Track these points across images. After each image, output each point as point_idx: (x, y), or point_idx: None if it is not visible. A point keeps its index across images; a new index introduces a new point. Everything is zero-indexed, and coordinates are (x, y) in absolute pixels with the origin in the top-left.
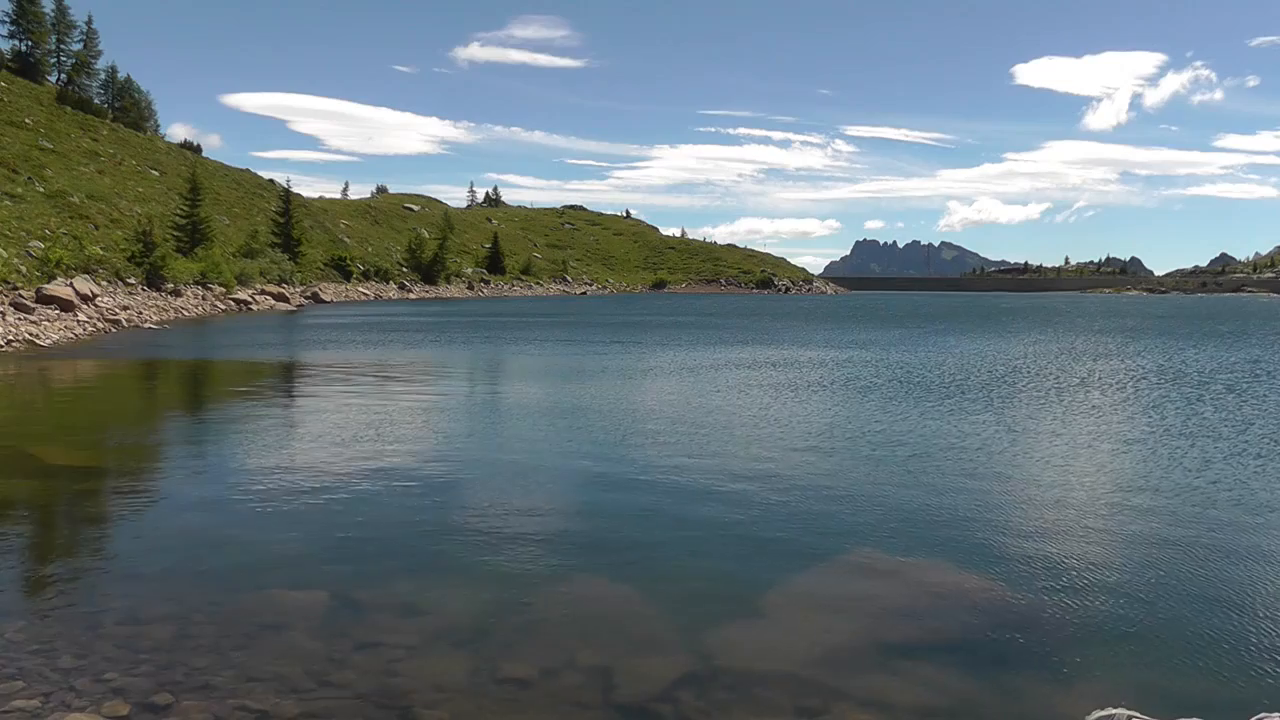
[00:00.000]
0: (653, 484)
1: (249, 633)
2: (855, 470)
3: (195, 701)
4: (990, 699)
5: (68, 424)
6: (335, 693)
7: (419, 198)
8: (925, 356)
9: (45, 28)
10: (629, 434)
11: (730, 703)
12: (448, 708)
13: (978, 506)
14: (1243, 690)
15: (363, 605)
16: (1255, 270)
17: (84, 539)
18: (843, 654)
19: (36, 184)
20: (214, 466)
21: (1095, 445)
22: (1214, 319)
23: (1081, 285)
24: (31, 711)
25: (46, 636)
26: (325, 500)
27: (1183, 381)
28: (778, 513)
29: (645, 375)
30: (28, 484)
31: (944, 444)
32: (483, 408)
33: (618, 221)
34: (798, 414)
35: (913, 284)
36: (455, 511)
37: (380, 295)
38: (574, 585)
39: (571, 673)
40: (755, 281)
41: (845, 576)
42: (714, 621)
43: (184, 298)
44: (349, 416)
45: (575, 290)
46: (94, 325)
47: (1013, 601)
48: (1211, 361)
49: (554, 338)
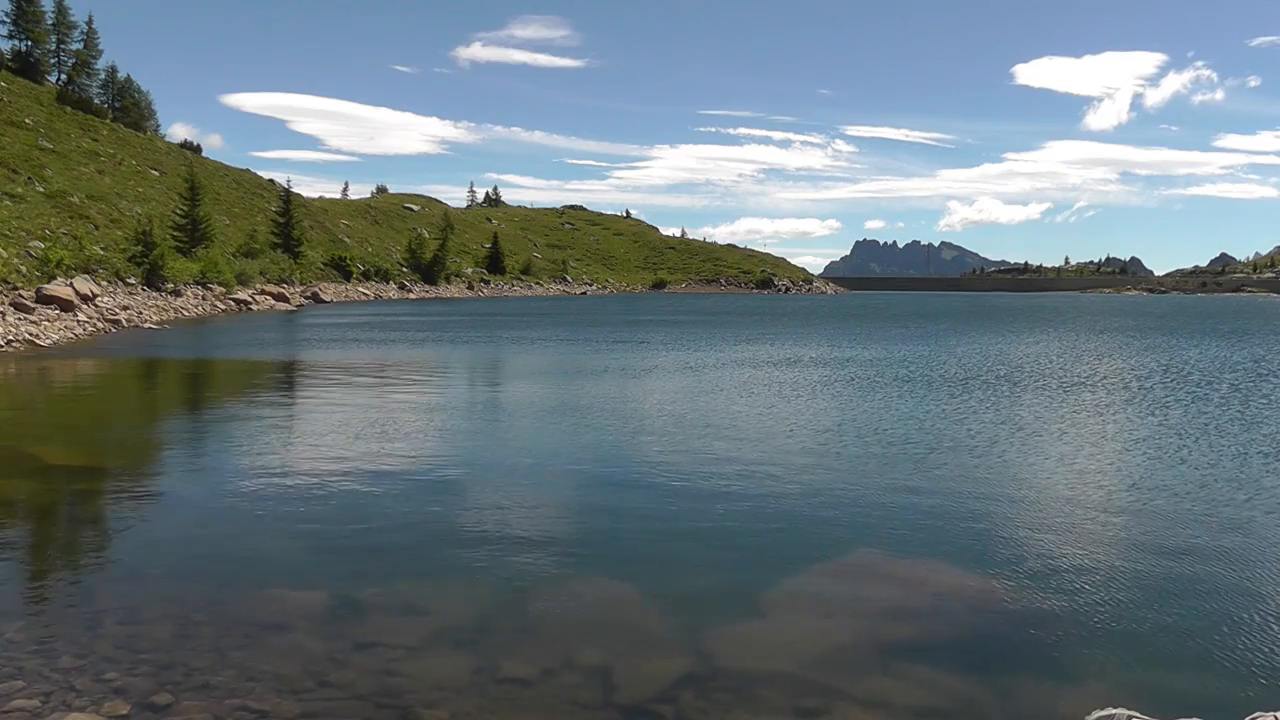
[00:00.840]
0: (653, 484)
1: (249, 632)
2: (855, 470)
3: (195, 701)
4: (990, 699)
5: (68, 423)
6: (335, 693)
7: (419, 198)
8: (924, 356)
9: (45, 27)
10: (629, 433)
11: (730, 703)
12: (448, 708)
13: (978, 506)
14: (1242, 690)
15: (363, 605)
16: (1255, 270)
17: (84, 539)
18: (843, 654)
19: (36, 184)
20: (214, 466)
21: (1096, 445)
22: (1214, 318)
23: (1081, 285)
24: (32, 711)
25: (46, 636)
26: (325, 500)
27: (1184, 380)
28: (778, 512)
29: (645, 375)
30: (28, 484)
31: (944, 444)
32: (483, 407)
33: (618, 221)
34: (797, 413)
35: (913, 284)
36: (455, 511)
37: (380, 295)
38: (574, 585)
39: (571, 673)
40: (755, 282)
41: (845, 576)
42: (714, 621)
43: (184, 298)
44: (349, 416)
45: (575, 290)
46: (94, 325)
47: (1013, 601)
48: (1212, 360)
49: (554, 337)
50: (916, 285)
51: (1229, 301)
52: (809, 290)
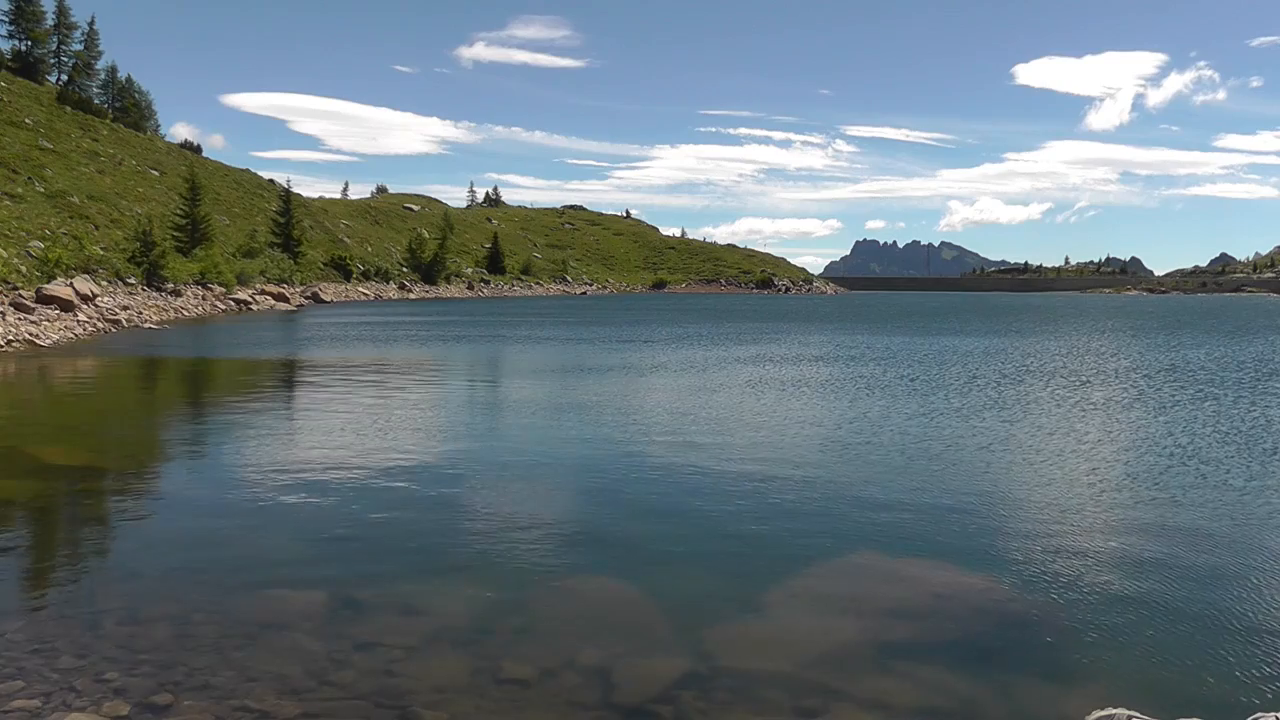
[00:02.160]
0: (653, 483)
1: (249, 632)
2: (855, 470)
3: (195, 701)
4: (990, 699)
5: (68, 423)
6: (335, 692)
7: (419, 198)
8: (924, 354)
9: (46, 28)
10: (629, 433)
11: (730, 703)
12: (448, 708)
13: (978, 506)
14: (1242, 690)
15: (363, 605)
16: (1255, 270)
17: (84, 539)
18: (843, 654)
19: (36, 184)
20: (214, 466)
21: (1098, 444)
22: (1214, 317)
23: (1081, 285)
24: (32, 711)
25: (47, 636)
26: (326, 500)
27: (1186, 379)
28: (778, 512)
29: (645, 374)
30: (28, 484)
31: (944, 443)
32: (483, 407)
33: (618, 221)
34: (796, 413)
35: (912, 284)
36: (455, 511)
37: (380, 295)
38: (574, 585)
39: (571, 673)
40: (755, 281)
41: (845, 576)
42: (714, 621)
43: (184, 298)
44: (349, 416)
45: (575, 290)
46: (94, 325)
47: (1013, 601)
48: (1213, 359)
49: (554, 336)
50: (916, 285)
51: (1229, 301)
52: (809, 290)
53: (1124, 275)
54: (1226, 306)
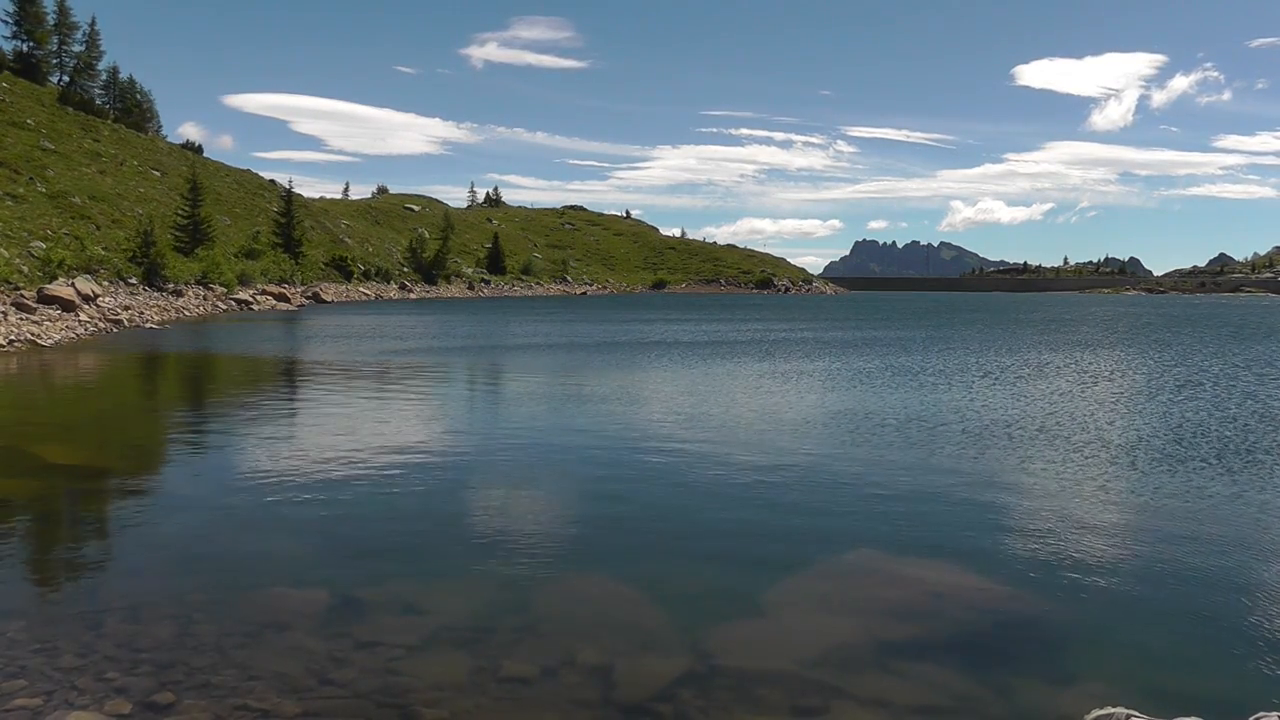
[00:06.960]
0: (653, 483)
1: (250, 631)
2: (856, 470)
3: (196, 700)
4: (990, 699)
5: (69, 423)
6: (336, 692)
7: (420, 198)
8: (923, 354)
9: (47, 29)
10: (629, 433)
11: (730, 703)
12: (448, 707)
13: (978, 506)
14: (1243, 690)
15: (363, 605)
16: (1254, 270)
17: (85, 538)
18: (843, 654)
19: (38, 184)
20: (215, 465)
21: (1098, 444)
22: (1214, 317)
23: (1080, 285)
24: (34, 710)
25: (48, 635)
26: (326, 500)
27: (1186, 379)
28: (778, 512)
29: (645, 373)
30: (29, 483)
31: (945, 443)
32: (483, 407)
33: (618, 222)
34: (797, 412)
35: (912, 284)
36: (456, 511)
37: (381, 295)
38: (574, 585)
39: (571, 672)
40: (755, 282)
41: (845, 576)
42: (714, 621)
43: (185, 298)
44: (350, 416)
45: (575, 290)
46: (95, 325)
47: (1013, 601)
48: (1213, 359)
49: (553, 337)
50: (916, 285)
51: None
52: (809, 290)
53: (1123, 275)
54: (1226, 307)
